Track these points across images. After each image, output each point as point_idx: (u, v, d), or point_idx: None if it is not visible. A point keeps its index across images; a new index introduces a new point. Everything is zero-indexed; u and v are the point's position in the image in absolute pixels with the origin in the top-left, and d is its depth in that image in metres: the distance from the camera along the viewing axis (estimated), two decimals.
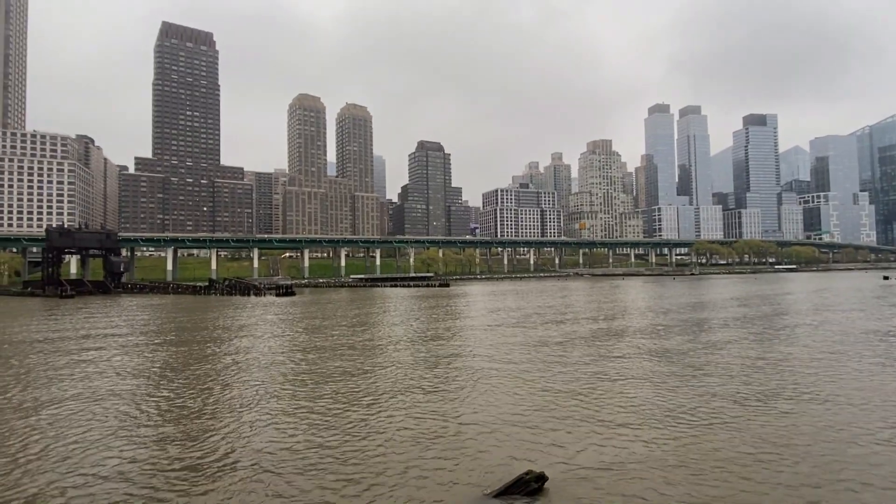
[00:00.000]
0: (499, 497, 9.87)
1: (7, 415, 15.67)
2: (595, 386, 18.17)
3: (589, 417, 14.47)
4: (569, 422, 14.07)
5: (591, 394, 17.07)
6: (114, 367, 23.35)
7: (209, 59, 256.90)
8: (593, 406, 15.60)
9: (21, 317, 52.00)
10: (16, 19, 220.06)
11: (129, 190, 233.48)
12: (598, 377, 19.55)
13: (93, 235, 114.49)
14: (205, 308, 60.30)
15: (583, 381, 18.82)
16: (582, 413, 14.89)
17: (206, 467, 11.28)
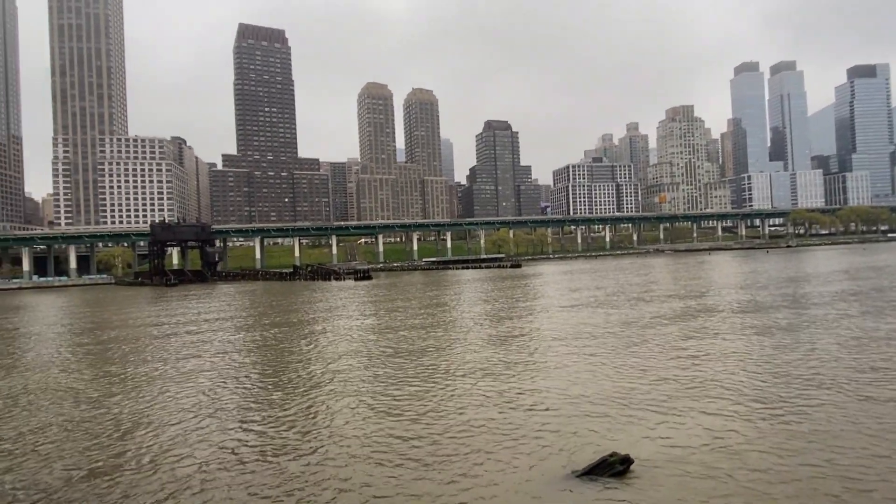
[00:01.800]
0: (584, 477, 9.73)
1: (159, 380, 17.67)
2: (686, 366, 17.30)
3: (679, 399, 13.82)
4: (658, 404, 13.52)
5: (682, 375, 16.27)
6: (235, 342, 25.50)
7: (283, 56, 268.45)
8: (684, 388, 14.87)
9: (138, 304, 58.11)
10: (114, 34, 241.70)
11: (219, 185, 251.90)
12: (690, 357, 18.58)
13: (190, 229, 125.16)
14: (293, 292, 64.05)
15: (673, 362, 17.98)
16: (672, 395, 14.24)
17: (303, 438, 12.08)
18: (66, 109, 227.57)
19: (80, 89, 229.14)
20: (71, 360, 24.32)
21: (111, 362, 22.88)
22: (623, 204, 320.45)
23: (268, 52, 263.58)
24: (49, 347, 28.63)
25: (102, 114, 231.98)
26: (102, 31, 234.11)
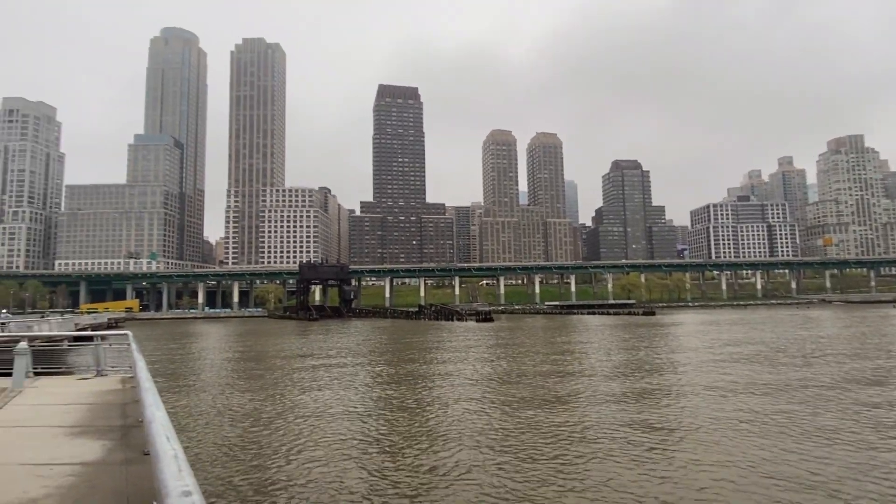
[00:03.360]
0: None
1: (309, 391, 19.10)
2: (873, 449, 13.91)
3: (858, 486, 11.03)
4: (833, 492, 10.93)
5: (865, 460, 13.07)
6: (378, 376, 26.84)
7: (415, 110, 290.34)
8: (865, 472, 11.89)
9: (287, 335, 64.32)
10: (278, 102, 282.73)
11: (356, 229, 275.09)
12: (880, 439, 14.97)
13: (331, 269, 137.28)
14: (421, 331, 66.08)
15: (853, 442, 14.59)
16: (849, 479, 11.44)
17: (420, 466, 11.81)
18: (238, 166, 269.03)
19: (250, 149, 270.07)
20: (239, 382, 27.24)
21: (273, 387, 25.15)
22: (776, 247, 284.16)
23: (402, 108, 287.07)
24: (222, 371, 32.52)
25: (265, 169, 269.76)
26: (269, 101, 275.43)
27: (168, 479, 2.08)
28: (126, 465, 5.89)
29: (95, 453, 6.38)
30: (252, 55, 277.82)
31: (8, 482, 5.31)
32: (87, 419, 8.34)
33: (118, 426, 7.83)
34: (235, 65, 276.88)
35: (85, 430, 7.56)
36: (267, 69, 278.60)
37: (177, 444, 2.45)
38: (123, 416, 8.49)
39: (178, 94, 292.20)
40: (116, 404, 9.62)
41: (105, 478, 5.45)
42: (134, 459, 6.08)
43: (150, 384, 4.53)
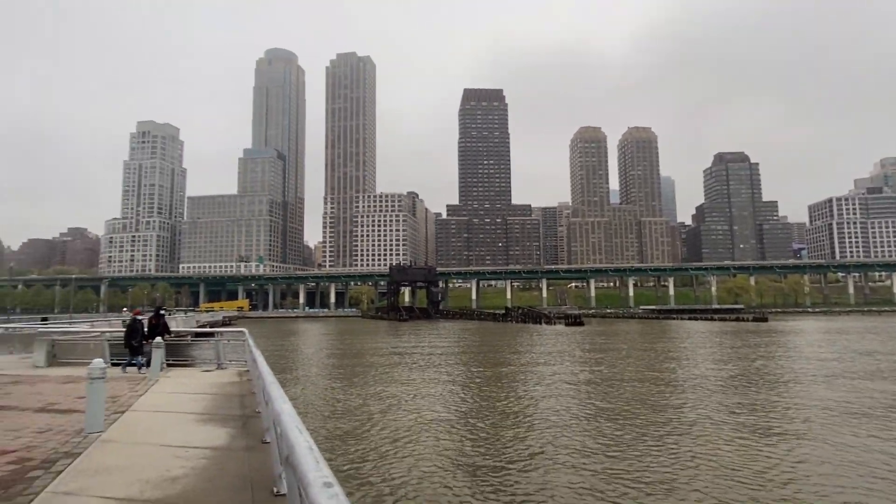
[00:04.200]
0: None
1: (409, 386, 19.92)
2: None
3: None
4: None
5: None
6: (472, 376, 27.31)
7: (500, 112, 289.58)
8: None
9: (380, 335, 67.01)
10: (369, 112, 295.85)
11: (443, 232, 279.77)
12: None
13: (419, 271, 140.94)
14: (508, 333, 65.69)
15: None
16: None
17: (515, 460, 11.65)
18: (334, 174, 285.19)
19: (344, 158, 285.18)
20: (345, 377, 28.86)
21: (376, 383, 26.37)
22: None
23: (487, 111, 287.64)
24: (327, 366, 34.67)
25: (358, 176, 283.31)
26: (361, 111, 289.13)
27: (307, 470, 2.07)
28: (247, 451, 6.46)
29: (221, 439, 7.06)
30: (345, 69, 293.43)
31: (153, 461, 6.05)
32: (213, 408, 9.27)
33: (238, 415, 8.62)
34: (330, 79, 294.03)
35: (211, 418, 8.40)
36: (358, 81, 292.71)
37: (309, 437, 2.56)
38: (242, 407, 9.32)
39: (280, 110, 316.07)
40: (235, 395, 10.59)
41: (231, 462, 6.01)
42: (254, 447, 6.65)
43: (272, 378, 4.92)
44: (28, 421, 8.04)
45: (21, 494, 4.85)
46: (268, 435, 6.84)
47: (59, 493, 4.93)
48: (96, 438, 6.93)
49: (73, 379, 12.73)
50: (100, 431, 7.26)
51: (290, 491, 3.32)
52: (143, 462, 5.97)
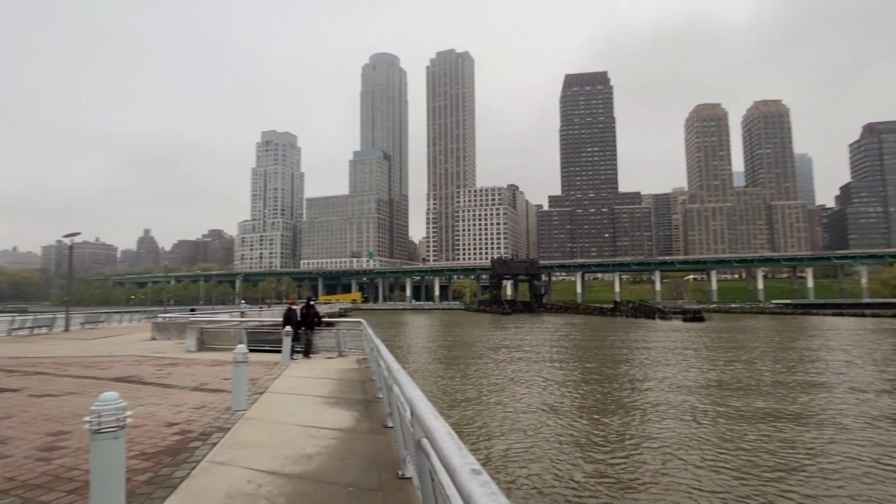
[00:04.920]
0: None
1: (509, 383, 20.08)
2: None
3: None
4: None
5: None
6: (584, 372, 26.78)
7: (605, 96, 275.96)
8: None
9: (485, 327, 67.62)
10: (468, 107, 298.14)
11: (545, 224, 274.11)
12: None
13: (521, 264, 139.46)
14: (619, 328, 62.68)
15: None
16: None
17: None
18: (435, 171, 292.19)
19: (445, 154, 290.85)
20: (457, 368, 29.62)
21: (488, 375, 26.75)
22: None
23: (590, 96, 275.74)
24: (438, 356, 35.82)
25: (459, 171, 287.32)
26: (460, 107, 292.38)
27: (451, 456, 2.01)
28: (371, 434, 6.78)
29: (347, 422, 7.49)
30: (444, 66, 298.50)
31: (290, 438, 6.57)
32: (338, 392, 9.90)
33: (361, 400, 9.10)
34: (430, 78, 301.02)
35: (337, 402, 8.96)
36: (458, 78, 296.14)
37: (445, 423, 2.50)
38: (364, 392, 9.84)
39: (385, 112, 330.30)
40: (357, 381, 11.22)
41: (357, 444, 6.34)
42: (377, 430, 6.96)
43: (398, 365, 5.06)
44: (186, 398, 9.19)
45: (186, 462, 5.53)
46: (389, 419, 7.12)
47: (215, 462, 5.53)
48: (241, 416, 7.72)
49: (219, 362, 14.37)
50: (244, 410, 8.07)
51: (421, 474, 3.36)
52: (281, 439, 6.52)
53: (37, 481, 4.93)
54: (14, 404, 8.66)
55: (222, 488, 4.76)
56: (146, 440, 6.31)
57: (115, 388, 7.16)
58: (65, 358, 15.91)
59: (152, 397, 9.17)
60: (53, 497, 4.53)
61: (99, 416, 3.70)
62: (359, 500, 4.54)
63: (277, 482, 4.94)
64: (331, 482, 4.96)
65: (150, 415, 7.70)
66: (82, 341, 22.58)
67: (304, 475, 5.14)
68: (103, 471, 3.72)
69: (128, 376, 11.83)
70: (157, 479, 4.95)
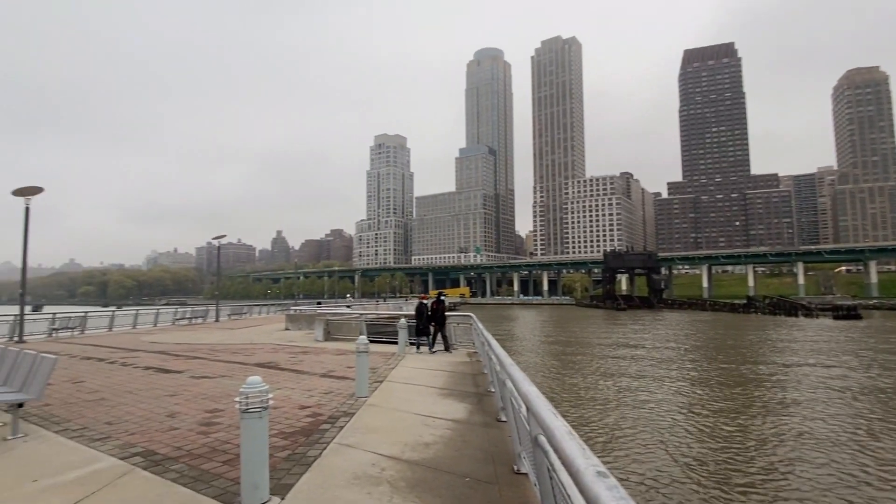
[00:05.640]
0: None
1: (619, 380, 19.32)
2: None
3: None
4: None
5: None
6: (710, 373, 24.97)
7: (731, 70, 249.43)
8: None
9: (600, 323, 65.09)
10: (576, 95, 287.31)
11: (664, 213, 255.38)
12: None
13: (637, 257, 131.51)
14: (754, 327, 56.56)
15: None
16: None
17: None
18: (542, 163, 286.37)
19: (552, 146, 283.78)
20: (574, 366, 29.06)
21: (610, 375, 25.94)
22: None
23: (714, 71, 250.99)
24: (552, 353, 35.40)
25: (567, 162, 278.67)
26: (567, 95, 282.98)
27: (574, 456, 1.92)
28: (485, 427, 6.84)
29: (461, 413, 7.64)
30: (550, 55, 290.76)
31: (408, 426, 6.87)
32: (450, 384, 10.14)
33: (473, 392, 9.23)
34: (536, 68, 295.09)
35: (450, 393, 9.19)
36: (564, 65, 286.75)
37: (565, 421, 2.40)
38: (475, 385, 9.97)
39: (490, 107, 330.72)
40: (468, 374, 11.40)
41: (471, 435, 6.44)
42: (490, 424, 7.01)
43: (510, 360, 5.05)
44: (316, 383, 10.03)
45: (318, 442, 6.03)
46: (502, 414, 7.13)
47: (342, 444, 5.96)
48: (364, 402, 8.23)
49: (343, 352, 15.49)
50: (366, 396, 8.61)
51: (539, 472, 3.31)
52: (399, 426, 6.84)
53: (198, 451, 5.70)
54: (179, 384, 10.11)
55: (349, 469, 5.12)
56: (284, 421, 7.00)
57: (257, 373, 8.02)
58: (216, 345, 18.24)
59: (288, 382, 10.16)
60: (211, 466, 5.21)
61: (247, 398, 4.18)
62: (475, 491, 4.60)
63: (398, 467, 5.20)
64: (447, 471, 5.09)
65: (286, 398, 8.53)
66: (229, 330, 25.72)
67: (422, 462, 5.35)
68: (250, 446, 4.19)
69: (267, 362, 13.23)
70: (294, 457, 5.47)
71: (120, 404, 8.21)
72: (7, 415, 6.82)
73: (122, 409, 7.89)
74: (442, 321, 15.69)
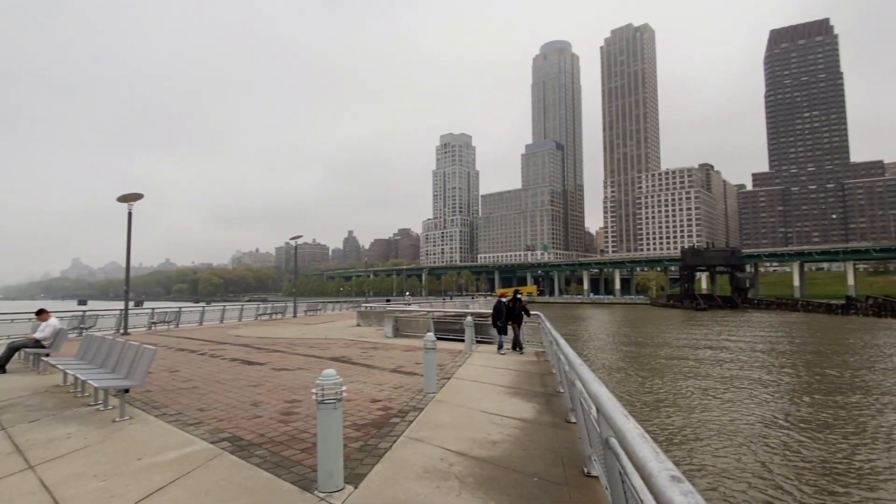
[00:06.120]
0: None
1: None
2: None
3: None
4: None
5: None
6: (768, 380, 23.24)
7: (826, 48, 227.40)
8: None
9: (679, 325, 61.89)
10: (649, 85, 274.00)
11: (748, 207, 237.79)
12: None
13: (719, 253, 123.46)
14: (859, 329, 51.33)
15: None
16: None
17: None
18: (613, 157, 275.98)
19: (623, 138, 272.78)
20: (653, 369, 28.03)
21: (696, 377, 24.80)
22: None
23: (805, 51, 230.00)
24: (629, 354, 34.24)
25: (640, 155, 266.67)
26: (639, 85, 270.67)
27: (647, 459, 1.84)
28: (553, 428, 6.72)
29: (528, 412, 7.57)
30: (621, 44, 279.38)
31: (475, 423, 6.90)
32: (517, 383, 10.06)
33: (540, 392, 9.10)
34: (605, 59, 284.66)
35: (517, 392, 9.12)
36: (636, 54, 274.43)
37: (637, 424, 2.34)
38: (543, 385, 9.82)
39: (557, 101, 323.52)
40: (535, 374, 11.25)
41: (539, 435, 6.35)
42: (559, 425, 6.88)
43: (580, 360, 4.93)
44: (386, 378, 10.32)
45: (388, 435, 6.21)
46: (572, 415, 6.98)
47: (412, 438, 6.10)
48: (432, 398, 8.37)
49: (411, 348, 15.81)
50: (434, 392, 8.75)
51: (610, 475, 3.21)
52: (467, 423, 6.88)
53: (279, 439, 6.06)
54: (261, 375, 10.78)
55: (419, 462, 5.23)
56: (356, 413, 7.27)
57: (331, 367, 8.38)
58: (294, 339, 19.26)
59: (359, 376, 10.53)
60: (291, 453, 5.52)
61: (322, 389, 4.39)
62: (544, 491, 4.55)
63: (466, 463, 5.24)
64: (516, 470, 5.06)
65: (358, 391, 8.85)
66: (306, 326, 27.05)
67: (490, 460, 5.35)
68: (326, 435, 4.40)
69: (340, 357, 13.79)
70: (366, 448, 5.67)
71: (210, 392, 8.89)
72: (115, 399, 7.60)
73: (211, 396, 8.55)
74: (519, 320, 15.30)
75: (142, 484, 4.66)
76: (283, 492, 4.46)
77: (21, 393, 8.98)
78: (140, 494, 4.42)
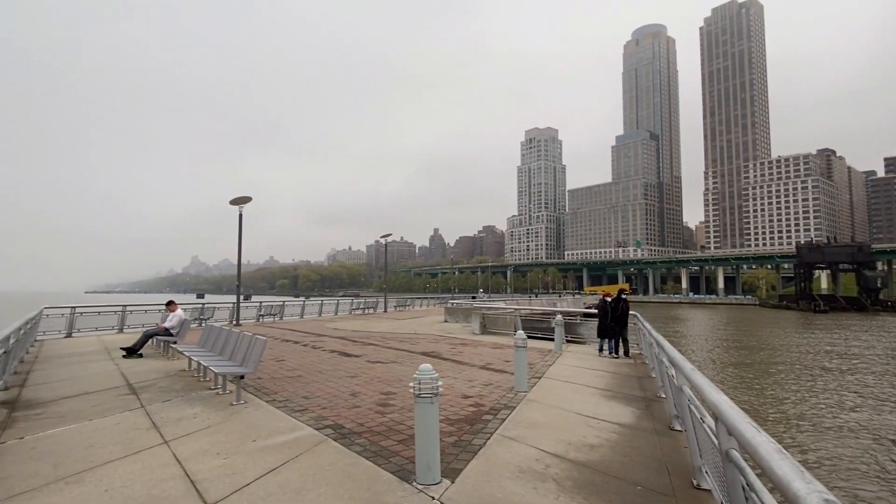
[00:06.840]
0: None
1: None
2: None
3: None
4: None
5: None
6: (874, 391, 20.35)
7: None
8: None
9: (791, 327, 56.17)
10: (756, 65, 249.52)
11: (879, 196, 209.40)
12: None
13: (842, 249, 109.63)
14: None
15: None
16: None
17: None
18: (714, 145, 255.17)
19: (726, 125, 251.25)
20: (760, 374, 25.90)
21: (829, 391, 22.66)
22: None
23: None
24: (745, 362, 31.80)
25: (746, 142, 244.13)
26: (746, 66, 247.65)
27: (791, 479, 1.67)
28: (655, 435, 6.34)
29: (627, 417, 7.20)
30: (723, 23, 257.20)
31: (570, 425, 6.69)
32: (613, 385, 9.63)
33: (640, 397, 8.63)
34: (705, 39, 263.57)
35: (614, 395, 8.72)
36: (741, 32, 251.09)
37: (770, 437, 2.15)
38: (642, 389, 9.31)
39: (651, 87, 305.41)
40: (633, 376, 10.70)
41: (640, 442, 6.02)
42: (661, 432, 6.48)
43: (690, 365, 4.60)
44: (476, 375, 10.35)
45: (481, 432, 6.21)
46: (676, 422, 6.55)
47: (505, 436, 6.05)
48: (523, 397, 8.25)
49: (499, 345, 15.74)
50: (525, 391, 8.62)
51: (732, 490, 2.94)
52: (561, 424, 6.70)
53: (377, 429, 6.29)
54: (358, 367, 11.29)
55: (514, 462, 5.17)
56: (449, 408, 7.36)
57: (423, 361, 8.58)
58: (386, 333, 19.98)
59: (450, 371, 10.67)
60: (388, 444, 5.70)
61: (419, 384, 4.48)
62: (649, 501, 4.29)
63: (562, 465, 5.09)
64: (616, 476, 4.84)
65: (449, 387, 8.96)
66: (396, 320, 27.97)
67: (587, 464, 5.16)
68: (424, 429, 4.49)
69: (430, 352, 14.07)
70: (460, 444, 5.71)
71: (312, 382, 9.47)
72: (232, 384, 8.34)
73: (314, 385, 9.10)
74: (623, 322, 14.06)
75: (258, 464, 5.05)
76: (384, 480, 4.62)
77: (155, 375, 10.16)
78: (257, 473, 4.80)
